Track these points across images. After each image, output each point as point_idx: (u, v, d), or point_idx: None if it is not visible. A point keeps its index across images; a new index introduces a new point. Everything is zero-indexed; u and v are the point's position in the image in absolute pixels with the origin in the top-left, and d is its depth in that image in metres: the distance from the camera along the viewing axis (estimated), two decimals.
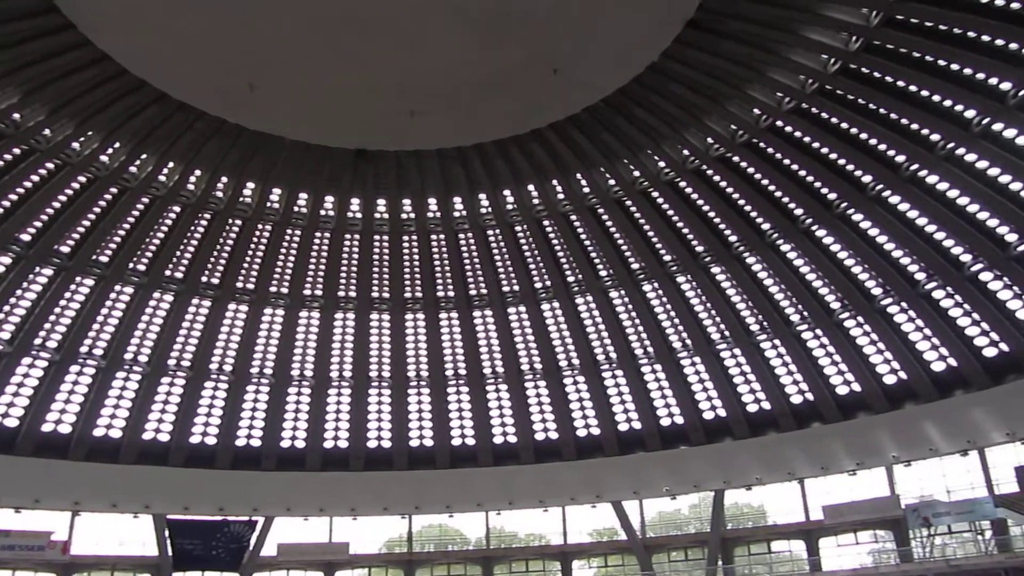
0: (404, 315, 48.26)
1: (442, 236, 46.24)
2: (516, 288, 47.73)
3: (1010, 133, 33.92)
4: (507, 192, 44.18)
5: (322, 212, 44.42)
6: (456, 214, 45.40)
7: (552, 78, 34.35)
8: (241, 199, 42.82)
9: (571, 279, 47.01)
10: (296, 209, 44.09)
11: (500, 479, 48.83)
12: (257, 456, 46.81)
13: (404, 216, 45.29)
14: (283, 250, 45.58)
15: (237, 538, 44.47)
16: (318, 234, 45.34)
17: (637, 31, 32.90)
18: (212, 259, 44.50)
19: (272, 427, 47.38)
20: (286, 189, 43.12)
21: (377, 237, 45.97)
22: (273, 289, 46.19)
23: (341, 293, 47.31)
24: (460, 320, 48.60)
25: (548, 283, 47.22)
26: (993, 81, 32.91)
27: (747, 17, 32.92)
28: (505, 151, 40.71)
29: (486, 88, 35.38)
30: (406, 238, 46.20)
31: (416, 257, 46.89)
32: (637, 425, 48.01)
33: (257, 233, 44.61)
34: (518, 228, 45.90)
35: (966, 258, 38.04)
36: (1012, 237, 36.33)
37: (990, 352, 39.00)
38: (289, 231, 44.85)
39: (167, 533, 44.64)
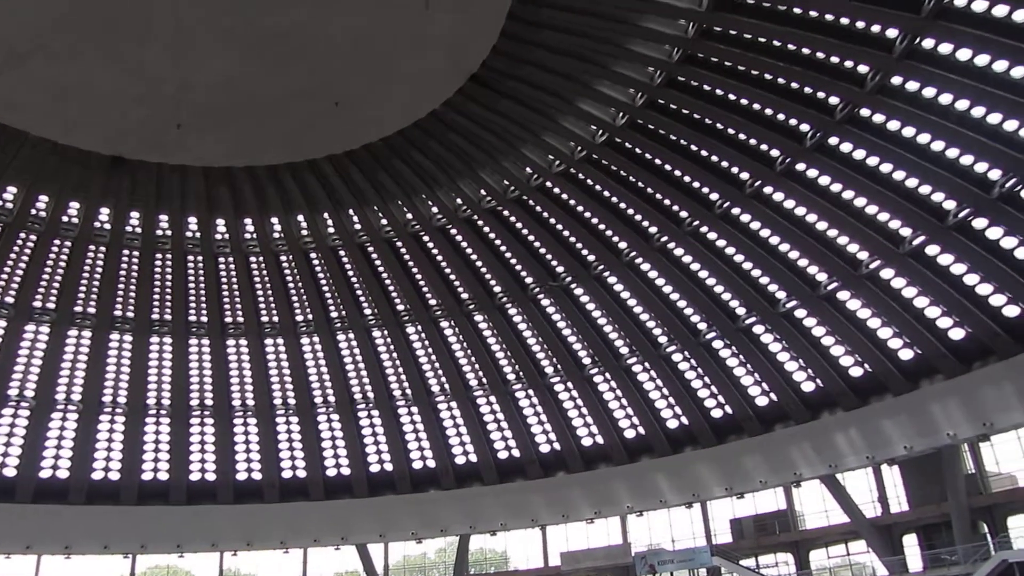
0: (148, 338, 44.80)
1: (200, 258, 43.52)
2: (276, 319, 45.92)
3: (745, 218, 38.07)
4: (275, 220, 42.55)
5: (64, 219, 40.24)
6: (218, 237, 42.99)
7: (333, 110, 33.80)
8: None
9: (334, 314, 45.98)
10: (34, 212, 39.62)
11: (240, 517, 46.48)
12: None
13: (159, 233, 42.15)
14: (12, 255, 40.78)
15: None
16: (56, 242, 40.96)
17: (422, 77, 33.27)
18: None
19: None
20: (23, 188, 38.67)
21: (126, 252, 42.39)
22: None
23: (78, 308, 43.12)
24: (211, 348, 45.89)
25: (310, 316, 45.89)
26: (735, 170, 36.73)
27: (527, 80, 34.40)
28: (277, 178, 39.30)
29: (263, 111, 33.97)
30: (159, 256, 42.96)
31: (168, 277, 43.74)
32: (389, 467, 47.72)
33: None
34: (283, 258, 44.29)
35: (702, 326, 41.69)
36: (741, 311, 40.38)
37: (716, 413, 42.96)
38: (23, 235, 40.20)
39: None
